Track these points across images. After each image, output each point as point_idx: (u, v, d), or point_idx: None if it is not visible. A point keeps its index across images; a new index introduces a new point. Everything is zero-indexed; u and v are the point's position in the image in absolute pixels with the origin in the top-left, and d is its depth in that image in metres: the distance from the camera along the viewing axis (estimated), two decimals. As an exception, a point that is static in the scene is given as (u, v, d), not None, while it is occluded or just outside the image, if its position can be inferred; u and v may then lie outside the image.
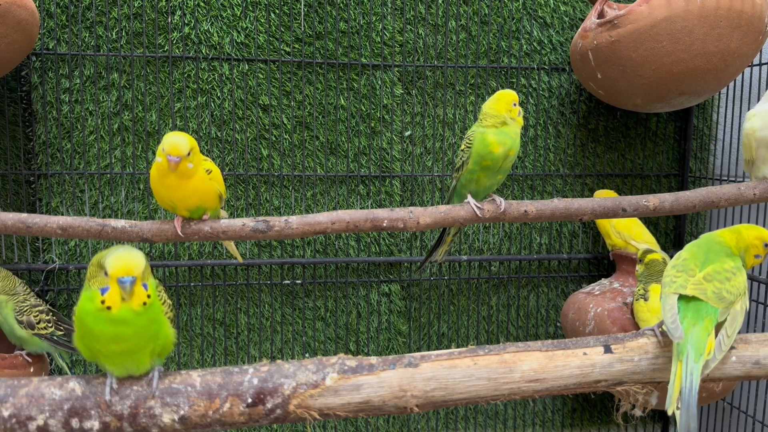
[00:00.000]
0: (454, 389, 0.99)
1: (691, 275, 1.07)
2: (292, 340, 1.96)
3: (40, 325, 1.54)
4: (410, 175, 1.97)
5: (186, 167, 1.24)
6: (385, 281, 1.99)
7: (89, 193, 1.83)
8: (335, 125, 1.92)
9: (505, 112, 1.38)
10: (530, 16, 1.98)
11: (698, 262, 1.10)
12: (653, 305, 1.59)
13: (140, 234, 1.42)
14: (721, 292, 1.04)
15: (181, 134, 1.24)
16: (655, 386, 1.05)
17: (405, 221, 1.50)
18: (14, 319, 1.52)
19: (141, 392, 0.95)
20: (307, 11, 1.86)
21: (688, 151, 2.10)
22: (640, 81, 1.69)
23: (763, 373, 1.05)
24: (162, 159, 1.23)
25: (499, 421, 2.10)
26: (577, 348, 1.04)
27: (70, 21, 1.76)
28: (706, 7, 1.55)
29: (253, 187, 1.90)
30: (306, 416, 0.96)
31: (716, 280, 1.05)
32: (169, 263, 1.87)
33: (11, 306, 1.53)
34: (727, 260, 1.09)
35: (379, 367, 0.98)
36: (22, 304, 1.54)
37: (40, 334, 1.54)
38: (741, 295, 1.05)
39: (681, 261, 1.11)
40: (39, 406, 0.90)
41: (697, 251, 1.12)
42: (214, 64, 1.84)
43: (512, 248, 2.06)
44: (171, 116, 1.83)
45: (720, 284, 1.05)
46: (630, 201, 1.55)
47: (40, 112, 1.78)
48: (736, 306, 1.04)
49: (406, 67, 1.93)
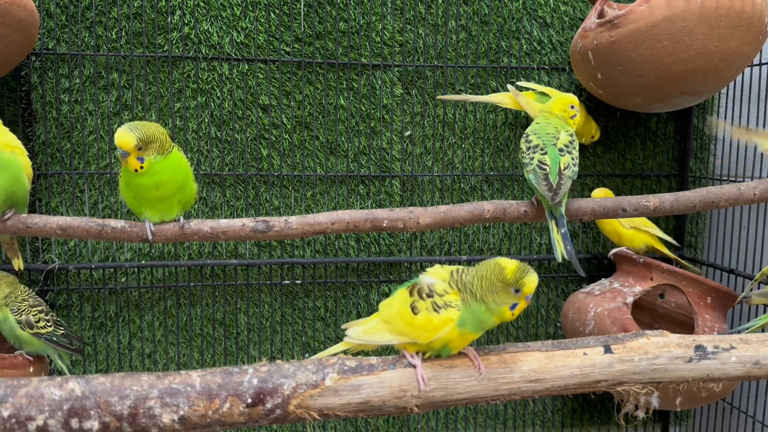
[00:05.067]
0: (454, 389, 0.99)
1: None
2: (292, 340, 1.96)
3: (39, 324, 1.54)
4: (410, 175, 1.97)
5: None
6: (385, 281, 1.99)
7: (89, 193, 1.83)
8: (335, 125, 1.92)
9: (560, 113, 1.59)
10: (530, 16, 1.98)
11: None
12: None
13: (140, 234, 1.42)
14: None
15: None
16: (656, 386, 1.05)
17: (405, 221, 1.50)
18: (14, 320, 1.53)
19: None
20: (307, 11, 1.86)
21: (688, 151, 2.10)
22: (640, 81, 1.69)
23: (763, 373, 1.05)
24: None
25: (499, 421, 2.10)
26: (577, 348, 1.04)
27: (70, 21, 1.76)
28: (706, 7, 1.55)
29: (252, 187, 1.90)
30: (306, 416, 0.96)
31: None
32: (169, 263, 1.87)
33: (10, 306, 1.53)
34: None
35: (379, 367, 0.98)
36: (20, 304, 1.54)
37: (39, 333, 1.54)
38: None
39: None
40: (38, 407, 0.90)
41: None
42: (213, 64, 1.84)
43: (512, 248, 2.06)
44: (171, 116, 1.83)
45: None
46: (630, 201, 1.55)
47: (39, 112, 1.78)
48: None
49: (406, 67, 1.93)
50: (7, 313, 1.53)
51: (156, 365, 1.91)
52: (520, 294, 0.94)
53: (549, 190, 1.44)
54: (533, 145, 1.51)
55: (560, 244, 1.47)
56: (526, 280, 0.94)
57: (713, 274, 2.08)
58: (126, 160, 1.30)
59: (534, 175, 1.47)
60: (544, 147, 1.49)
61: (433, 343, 0.97)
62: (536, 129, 1.55)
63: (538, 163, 1.48)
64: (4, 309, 1.53)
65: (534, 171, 1.47)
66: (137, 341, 1.89)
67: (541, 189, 1.45)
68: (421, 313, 0.96)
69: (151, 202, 1.37)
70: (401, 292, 1.02)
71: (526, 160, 1.51)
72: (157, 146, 1.32)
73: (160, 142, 1.32)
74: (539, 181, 1.46)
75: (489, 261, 0.97)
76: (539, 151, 1.49)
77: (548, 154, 1.48)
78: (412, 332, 0.97)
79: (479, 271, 0.96)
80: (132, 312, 1.88)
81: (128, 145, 1.28)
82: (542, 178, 1.46)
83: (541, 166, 1.47)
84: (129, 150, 1.29)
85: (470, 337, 0.98)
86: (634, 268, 1.87)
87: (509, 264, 0.95)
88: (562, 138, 1.51)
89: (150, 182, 1.34)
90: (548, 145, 1.50)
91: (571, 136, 1.52)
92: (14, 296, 1.55)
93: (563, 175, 1.45)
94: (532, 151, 1.51)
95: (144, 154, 1.30)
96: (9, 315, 1.53)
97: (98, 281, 1.86)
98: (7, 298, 1.54)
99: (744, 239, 1.98)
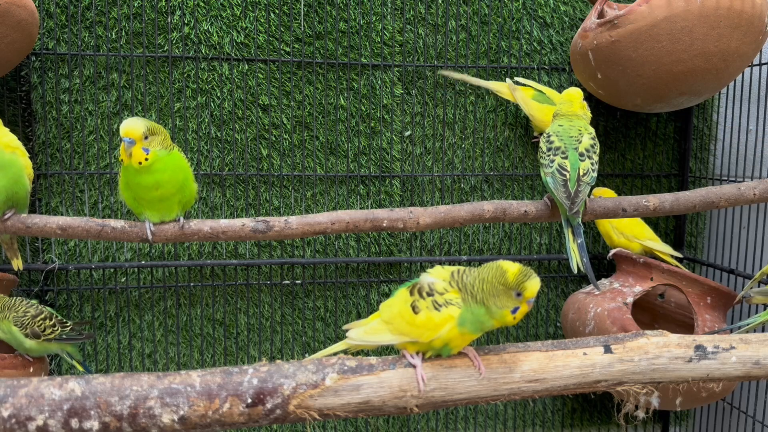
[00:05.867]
0: (454, 389, 0.99)
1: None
2: (292, 340, 1.96)
3: (46, 332, 1.54)
4: (410, 175, 1.97)
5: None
6: (385, 281, 1.99)
7: (89, 193, 1.83)
8: (335, 125, 1.92)
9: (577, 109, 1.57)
10: (530, 16, 1.98)
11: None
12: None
13: (140, 234, 1.42)
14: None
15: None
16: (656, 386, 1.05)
17: (405, 221, 1.50)
18: (20, 334, 1.52)
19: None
20: (307, 11, 1.86)
21: (688, 151, 2.09)
22: (640, 81, 1.69)
23: (763, 373, 1.05)
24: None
25: (499, 421, 2.10)
26: (577, 348, 1.04)
27: (70, 21, 1.76)
28: (706, 7, 1.55)
29: (252, 187, 1.90)
30: (306, 416, 0.96)
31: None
32: (169, 263, 1.87)
33: (11, 321, 1.53)
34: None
35: (379, 367, 0.98)
36: (22, 319, 1.53)
37: (49, 338, 1.54)
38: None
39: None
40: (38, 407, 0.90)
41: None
42: (213, 64, 1.84)
43: (512, 248, 2.06)
44: (171, 116, 1.83)
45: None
46: (630, 201, 1.55)
47: (39, 112, 1.78)
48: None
49: (406, 67, 1.93)
50: (11, 327, 1.52)
51: (156, 365, 1.91)
52: (521, 298, 0.94)
53: (567, 198, 1.41)
54: (554, 147, 1.47)
55: (576, 255, 1.43)
56: (527, 284, 0.93)
57: (713, 274, 2.08)
58: (131, 151, 1.29)
59: (552, 179, 1.43)
60: (565, 150, 1.45)
61: (434, 342, 0.97)
62: (559, 131, 1.50)
63: (558, 167, 1.44)
64: (6, 323, 1.53)
65: (553, 175, 1.44)
66: (137, 341, 1.89)
67: (558, 195, 1.42)
68: (421, 312, 0.96)
69: (150, 202, 1.37)
70: (402, 292, 1.02)
71: (545, 161, 1.47)
72: (161, 139, 1.33)
73: (164, 135, 1.34)
74: (557, 186, 1.42)
75: (491, 263, 0.97)
76: (560, 155, 1.45)
77: (569, 158, 1.44)
78: (412, 331, 0.97)
79: (481, 273, 0.96)
80: (132, 312, 1.88)
81: (136, 133, 1.28)
82: (561, 184, 1.42)
83: (562, 172, 1.43)
84: (136, 138, 1.28)
85: (470, 337, 0.98)
86: (634, 268, 1.87)
87: (511, 267, 0.94)
88: (585, 141, 1.46)
89: (150, 182, 1.34)
90: (570, 148, 1.45)
91: (593, 139, 1.48)
92: (14, 312, 1.54)
93: (581, 182, 1.41)
94: (552, 153, 1.46)
95: (149, 145, 1.30)
96: (13, 329, 1.52)
97: (98, 281, 1.86)
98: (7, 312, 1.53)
99: (744, 239, 1.98)
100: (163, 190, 1.35)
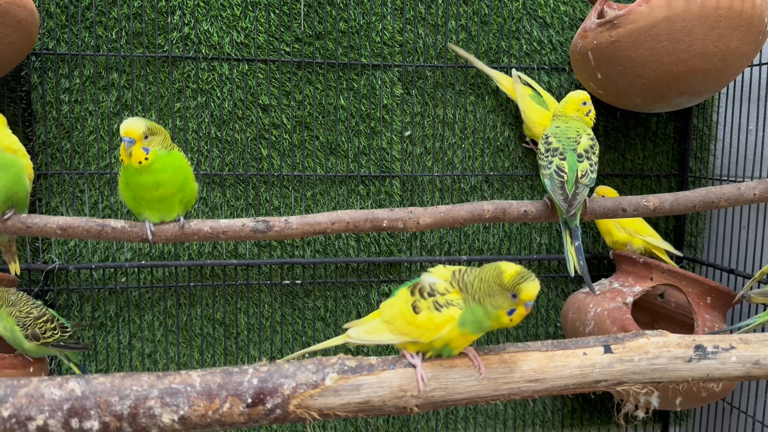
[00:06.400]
0: (454, 389, 0.99)
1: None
2: (292, 340, 1.96)
3: (46, 335, 1.54)
4: (410, 175, 1.97)
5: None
6: (385, 281, 1.99)
7: (89, 193, 1.83)
8: (335, 125, 1.92)
9: (572, 113, 1.54)
10: (530, 16, 1.98)
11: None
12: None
13: (140, 234, 1.42)
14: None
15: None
16: (656, 386, 1.05)
17: (405, 221, 1.50)
18: (20, 334, 1.52)
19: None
20: (307, 11, 1.86)
21: (688, 151, 2.10)
22: (640, 81, 1.69)
23: (763, 373, 1.05)
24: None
25: (499, 421, 2.10)
26: (577, 348, 1.04)
27: (70, 21, 1.76)
28: (706, 7, 1.55)
29: (252, 187, 1.90)
30: (306, 416, 0.96)
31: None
32: (169, 263, 1.87)
33: (13, 320, 1.53)
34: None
35: (379, 367, 0.98)
36: (24, 319, 1.53)
37: (47, 342, 1.54)
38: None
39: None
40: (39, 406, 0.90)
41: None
42: (213, 64, 1.84)
43: (512, 248, 2.06)
44: (171, 116, 1.83)
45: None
46: (630, 201, 1.55)
47: (39, 112, 1.78)
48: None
49: (406, 67, 1.93)
50: (13, 325, 1.53)
51: (156, 365, 1.91)
52: (517, 300, 0.93)
53: (564, 201, 1.41)
54: (553, 148, 1.46)
55: (573, 258, 1.43)
56: (524, 285, 0.92)
57: (713, 274, 2.08)
58: (131, 151, 1.30)
59: (550, 180, 1.43)
60: (563, 151, 1.45)
61: (435, 343, 0.97)
62: (557, 132, 1.50)
63: (556, 168, 1.43)
64: (10, 320, 1.53)
65: (551, 176, 1.44)
66: (137, 341, 1.89)
67: (556, 197, 1.42)
68: (422, 312, 0.96)
69: (150, 202, 1.37)
70: (402, 292, 1.02)
71: (543, 162, 1.47)
72: (161, 139, 1.33)
73: (164, 135, 1.35)
74: (555, 188, 1.42)
75: (492, 264, 0.96)
76: (558, 156, 1.45)
77: (567, 159, 1.43)
78: (413, 331, 0.97)
79: (480, 273, 0.96)
80: (132, 312, 1.88)
81: (136, 132, 1.28)
82: (558, 185, 1.42)
83: (559, 173, 1.43)
84: (136, 138, 1.29)
85: (471, 338, 0.98)
86: (634, 268, 1.87)
87: (509, 268, 0.94)
88: (583, 142, 1.46)
89: (150, 181, 1.34)
90: (568, 150, 1.45)
91: (592, 140, 1.48)
92: (18, 310, 1.54)
93: (579, 184, 1.41)
94: (551, 155, 1.46)
95: (149, 144, 1.31)
96: (15, 328, 1.52)
97: (98, 281, 1.86)
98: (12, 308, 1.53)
99: (744, 239, 1.98)
100: (163, 190, 1.35)
